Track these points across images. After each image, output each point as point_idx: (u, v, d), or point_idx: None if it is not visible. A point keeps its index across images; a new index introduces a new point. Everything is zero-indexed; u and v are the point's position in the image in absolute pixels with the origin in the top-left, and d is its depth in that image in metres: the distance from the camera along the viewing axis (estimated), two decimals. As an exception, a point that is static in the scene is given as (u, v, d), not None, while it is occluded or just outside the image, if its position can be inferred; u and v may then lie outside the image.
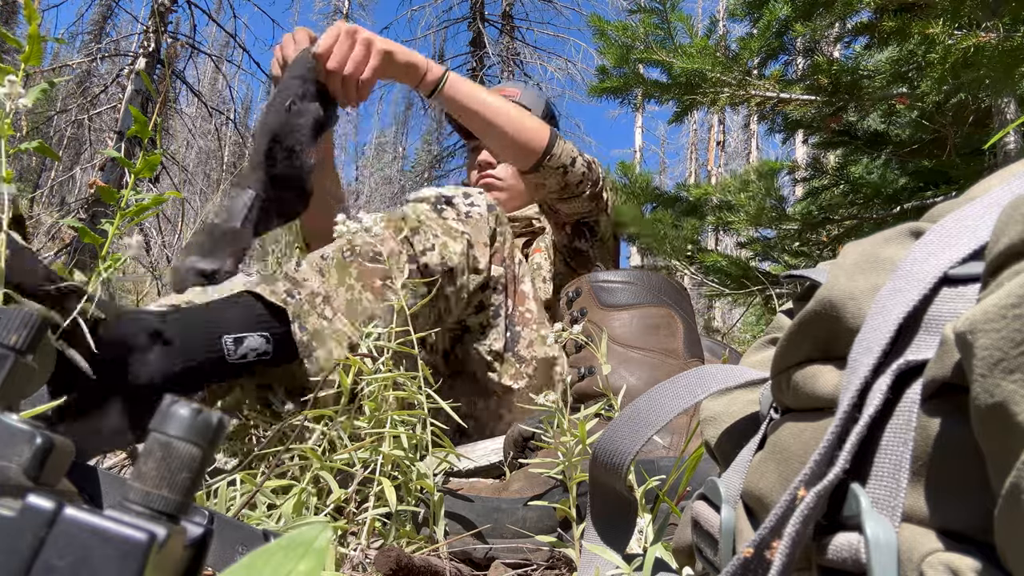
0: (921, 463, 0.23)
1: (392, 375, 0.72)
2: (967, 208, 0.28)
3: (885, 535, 0.22)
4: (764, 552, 0.24)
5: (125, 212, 0.91)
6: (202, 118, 10.56)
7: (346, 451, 0.69)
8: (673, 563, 0.51)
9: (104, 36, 9.69)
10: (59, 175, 9.83)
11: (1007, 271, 0.21)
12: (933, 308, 0.25)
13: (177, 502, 0.20)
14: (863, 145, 2.66)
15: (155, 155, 0.86)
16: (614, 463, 0.46)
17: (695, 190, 2.91)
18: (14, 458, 0.21)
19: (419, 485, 0.70)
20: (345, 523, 0.64)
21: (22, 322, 0.24)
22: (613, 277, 0.99)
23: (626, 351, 0.94)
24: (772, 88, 2.42)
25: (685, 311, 1.01)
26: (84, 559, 0.17)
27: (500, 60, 10.56)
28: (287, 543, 0.19)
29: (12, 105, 0.66)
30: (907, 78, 2.17)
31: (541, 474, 0.79)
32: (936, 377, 0.23)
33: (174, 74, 6.15)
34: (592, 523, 0.51)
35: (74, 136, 8.75)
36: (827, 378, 0.29)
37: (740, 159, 16.20)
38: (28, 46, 0.74)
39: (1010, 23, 1.70)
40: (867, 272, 0.28)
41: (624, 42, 2.52)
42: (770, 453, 0.32)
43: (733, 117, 15.08)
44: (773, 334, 0.41)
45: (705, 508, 0.36)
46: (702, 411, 0.44)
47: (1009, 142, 2.10)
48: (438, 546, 0.66)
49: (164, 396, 0.21)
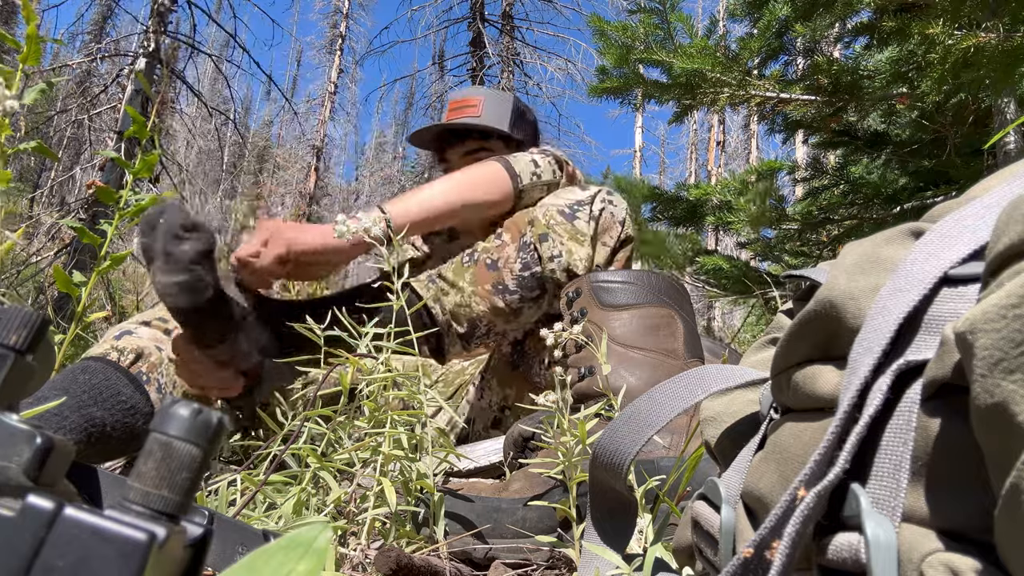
0: (921, 463, 0.23)
1: (391, 375, 0.72)
2: (967, 208, 0.28)
3: (885, 535, 0.22)
4: (764, 552, 0.24)
5: (124, 212, 0.91)
6: (202, 118, 10.56)
7: (346, 451, 0.69)
8: (673, 563, 0.51)
9: (104, 36, 9.70)
10: (59, 175, 9.84)
11: (1007, 271, 0.21)
12: (933, 308, 0.25)
13: (177, 502, 0.20)
14: (863, 145, 2.67)
15: (153, 155, 0.86)
16: (614, 463, 0.46)
17: (695, 190, 2.91)
18: (14, 458, 0.21)
19: (419, 485, 0.70)
20: (345, 523, 0.64)
21: (22, 322, 0.24)
22: (613, 277, 0.99)
23: (626, 351, 0.94)
24: (772, 88, 2.42)
25: (685, 311, 1.01)
26: (84, 559, 0.17)
27: (500, 60, 10.56)
28: (287, 543, 0.19)
29: (2, 107, 0.66)
30: (907, 78, 2.17)
31: (541, 474, 0.79)
32: (936, 377, 0.23)
33: (174, 74, 6.15)
34: (592, 523, 0.51)
35: (74, 136, 8.75)
36: (827, 378, 0.29)
37: (740, 159, 16.20)
38: (27, 46, 0.74)
39: (1010, 23, 1.70)
40: (867, 272, 0.28)
41: (624, 42, 2.52)
42: (770, 453, 0.32)
43: (733, 117, 15.09)
44: (773, 334, 0.41)
45: (705, 508, 0.36)
46: (702, 411, 0.44)
47: (1009, 142, 2.10)
48: (438, 546, 0.66)
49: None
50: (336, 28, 14.58)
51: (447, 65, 11.75)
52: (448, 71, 11.65)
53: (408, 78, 14.41)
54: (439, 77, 11.75)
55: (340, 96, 14.72)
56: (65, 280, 0.83)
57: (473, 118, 1.41)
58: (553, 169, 1.24)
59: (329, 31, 14.73)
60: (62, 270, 0.83)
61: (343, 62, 14.49)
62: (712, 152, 15.50)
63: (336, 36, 14.44)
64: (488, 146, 1.43)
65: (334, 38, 14.47)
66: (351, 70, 15.52)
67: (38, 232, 5.38)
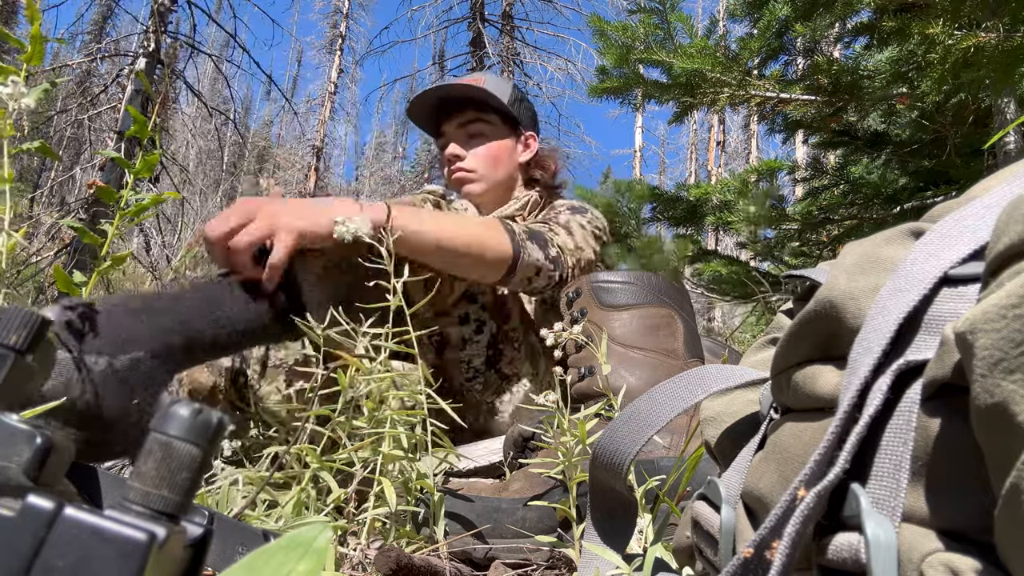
0: (921, 463, 0.23)
1: (391, 375, 0.72)
2: (967, 208, 0.28)
3: (885, 535, 0.22)
4: (764, 552, 0.24)
5: (125, 212, 0.91)
6: (202, 118, 10.57)
7: (346, 451, 0.69)
8: (673, 563, 0.51)
9: (104, 36, 9.69)
10: (59, 175, 9.84)
11: (1007, 271, 0.21)
12: (933, 308, 0.25)
13: (177, 502, 0.20)
14: (863, 145, 2.67)
15: (153, 155, 0.86)
16: (614, 463, 0.46)
17: (695, 190, 2.91)
18: (14, 458, 0.21)
19: (419, 485, 0.70)
20: (345, 523, 0.64)
21: (22, 322, 0.24)
22: (613, 277, 0.99)
23: (626, 351, 0.94)
24: (772, 88, 2.42)
25: (685, 311, 1.01)
26: (84, 559, 0.17)
27: (500, 60, 10.57)
28: (287, 543, 0.19)
29: (15, 105, 0.66)
30: (907, 78, 2.17)
31: (541, 474, 0.79)
32: (936, 377, 0.23)
33: (174, 74, 6.15)
34: (592, 523, 0.51)
35: (74, 136, 8.75)
36: (827, 378, 0.29)
37: (740, 159, 16.20)
38: (30, 46, 0.74)
39: (1010, 23, 1.70)
40: (867, 272, 0.28)
41: (624, 42, 2.52)
42: (770, 453, 0.32)
43: (733, 117, 15.09)
44: (773, 334, 0.41)
45: (705, 508, 0.36)
46: (702, 411, 0.44)
47: (1009, 142, 2.10)
48: (438, 546, 0.66)
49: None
50: (336, 28, 14.58)
51: (447, 65, 11.78)
52: (448, 71, 11.66)
53: (408, 78, 14.40)
54: (439, 77, 11.76)
55: (340, 96, 14.73)
56: (65, 280, 0.83)
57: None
58: (548, 278, 1.15)
59: (329, 31, 14.74)
60: (62, 270, 0.83)
61: (343, 62, 14.49)
62: (712, 152, 15.51)
63: (336, 36, 14.44)
64: (485, 118, 1.39)
65: (334, 38, 14.48)
66: (351, 70, 15.53)
67: (38, 232, 5.38)
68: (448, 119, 1.42)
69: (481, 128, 1.40)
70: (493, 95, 1.37)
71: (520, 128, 1.44)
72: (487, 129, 1.40)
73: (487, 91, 1.37)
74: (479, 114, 1.39)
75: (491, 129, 1.40)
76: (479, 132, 1.40)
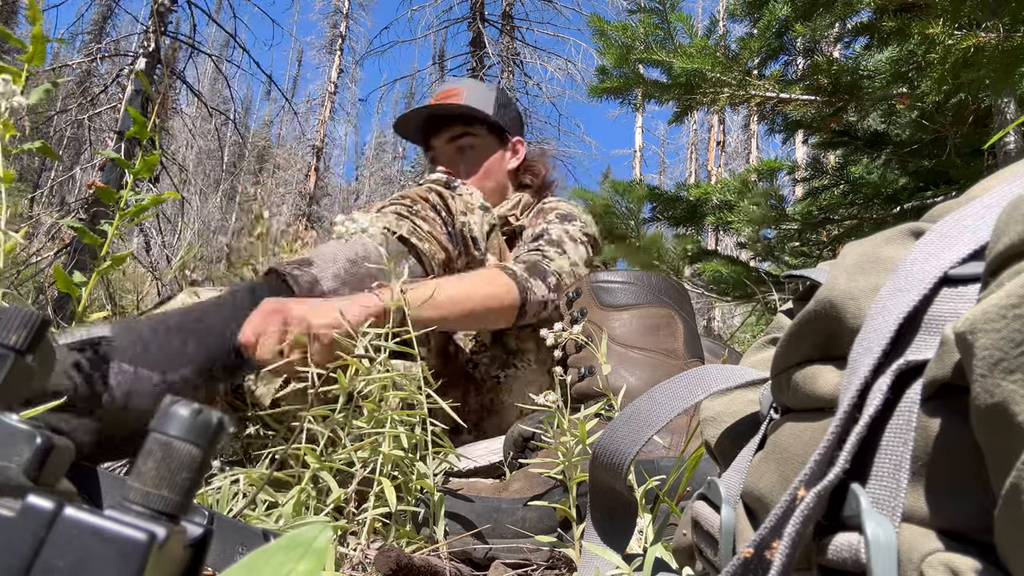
0: (921, 463, 0.23)
1: (391, 375, 0.72)
2: (967, 208, 0.28)
3: (885, 535, 0.22)
4: (764, 552, 0.24)
5: (124, 212, 0.91)
6: (202, 118, 10.57)
7: (346, 451, 0.69)
8: (673, 563, 0.51)
9: (104, 36, 9.69)
10: (59, 175, 9.84)
11: (1007, 271, 0.21)
12: (933, 308, 0.25)
13: (177, 502, 0.20)
14: (863, 145, 2.67)
15: (153, 155, 0.86)
16: (614, 463, 0.46)
17: (695, 190, 2.91)
18: (14, 458, 0.21)
19: (419, 485, 0.70)
20: (345, 523, 0.64)
21: (22, 322, 0.24)
22: (613, 277, 0.99)
23: (626, 351, 0.94)
24: (772, 88, 2.42)
25: (685, 311, 1.01)
26: (84, 559, 0.17)
27: (500, 60, 10.56)
28: (287, 543, 0.19)
29: (7, 104, 0.66)
30: (907, 78, 2.17)
31: (541, 474, 0.79)
32: (936, 377, 0.23)
33: (174, 74, 6.15)
34: (592, 523, 0.51)
35: (74, 136, 8.76)
36: (827, 378, 0.29)
37: (740, 159, 16.20)
38: (32, 46, 0.74)
39: (1010, 23, 1.70)
40: (867, 272, 0.28)
41: (624, 42, 2.52)
42: (770, 453, 0.32)
43: (733, 117, 15.09)
44: (773, 334, 0.41)
45: (705, 508, 0.36)
46: (702, 411, 0.44)
47: (1009, 142, 2.10)
48: (438, 546, 0.66)
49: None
50: (336, 28, 14.58)
51: (447, 65, 11.76)
52: (448, 71, 11.65)
53: (408, 78, 14.40)
54: (439, 77, 11.75)
55: (340, 96, 14.73)
56: (65, 280, 0.83)
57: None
58: (552, 310, 1.17)
59: (329, 31, 14.74)
60: (62, 270, 0.83)
61: (343, 62, 14.50)
62: (712, 152, 15.50)
63: (336, 36, 14.44)
64: (472, 131, 1.42)
65: (334, 38, 14.48)
66: (351, 70, 15.53)
67: (38, 232, 5.38)
68: (436, 134, 1.44)
69: (470, 141, 1.42)
70: (478, 110, 1.39)
71: (507, 135, 1.46)
72: (475, 142, 1.42)
73: (472, 108, 1.39)
74: (466, 128, 1.42)
75: (479, 141, 1.43)
76: (468, 145, 1.42)
